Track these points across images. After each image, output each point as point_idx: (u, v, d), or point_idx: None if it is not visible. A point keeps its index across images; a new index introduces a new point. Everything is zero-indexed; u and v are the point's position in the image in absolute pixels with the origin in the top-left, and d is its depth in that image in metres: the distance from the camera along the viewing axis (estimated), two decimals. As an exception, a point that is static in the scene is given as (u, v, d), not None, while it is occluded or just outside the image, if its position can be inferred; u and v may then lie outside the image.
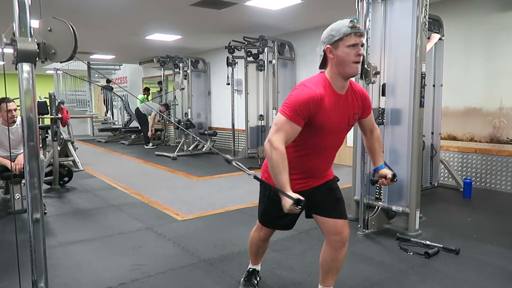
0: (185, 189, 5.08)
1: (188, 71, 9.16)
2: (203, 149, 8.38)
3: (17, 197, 3.73)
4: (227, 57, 7.33)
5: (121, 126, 11.65)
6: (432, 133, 4.74)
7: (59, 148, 5.19)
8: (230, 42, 7.07)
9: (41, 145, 5.14)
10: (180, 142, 8.36)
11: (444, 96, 4.80)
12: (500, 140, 4.70)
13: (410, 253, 2.87)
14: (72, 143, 5.63)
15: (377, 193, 3.51)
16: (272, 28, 6.86)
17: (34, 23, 1.39)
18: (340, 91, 1.74)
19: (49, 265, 1.69)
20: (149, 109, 9.42)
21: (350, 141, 3.45)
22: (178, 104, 9.87)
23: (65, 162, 5.36)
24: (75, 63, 12.50)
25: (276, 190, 1.66)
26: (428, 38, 3.97)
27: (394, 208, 3.36)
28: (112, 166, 7.02)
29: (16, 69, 1.42)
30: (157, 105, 9.65)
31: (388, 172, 1.93)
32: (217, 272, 2.61)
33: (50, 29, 1.45)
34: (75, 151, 5.62)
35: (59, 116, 4.88)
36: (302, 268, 2.64)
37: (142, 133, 9.83)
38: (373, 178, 2.01)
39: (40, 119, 5.50)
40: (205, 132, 8.51)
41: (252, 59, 7.23)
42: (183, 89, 9.19)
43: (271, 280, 2.46)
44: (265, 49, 6.87)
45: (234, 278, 2.48)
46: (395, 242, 3.07)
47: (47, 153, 5.03)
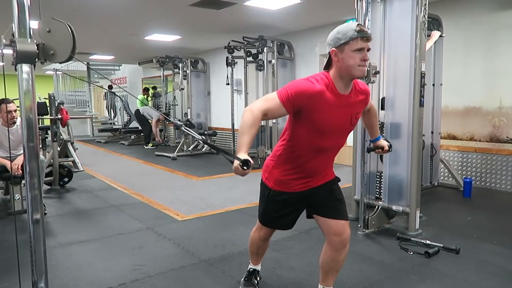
0: (185, 189, 5.08)
1: (188, 71, 9.16)
2: (203, 149, 8.39)
3: (17, 198, 3.73)
4: (227, 57, 7.32)
5: (121, 127, 11.65)
6: (432, 133, 4.74)
7: (59, 149, 5.19)
8: (230, 42, 7.06)
9: (41, 146, 5.13)
10: (180, 142, 8.37)
11: (444, 96, 4.80)
12: (500, 139, 4.71)
13: (410, 253, 2.87)
14: (72, 144, 5.63)
15: (377, 193, 3.52)
16: (272, 28, 6.86)
17: (34, 24, 1.39)
18: (343, 92, 1.73)
19: (49, 266, 1.69)
20: (149, 114, 9.44)
21: (350, 141, 3.44)
22: (178, 104, 9.87)
23: (65, 163, 5.36)
24: (75, 64, 12.50)
25: (223, 153, 1.62)
26: (428, 36, 3.96)
27: (394, 208, 3.36)
28: (112, 167, 7.03)
29: (16, 70, 1.42)
30: (156, 113, 9.67)
31: (385, 144, 2.14)
32: (217, 272, 2.61)
33: (49, 30, 1.44)
34: (75, 152, 5.62)
35: (59, 117, 4.88)
36: (302, 268, 2.64)
37: (143, 133, 9.83)
38: (370, 147, 2.22)
39: (40, 120, 5.51)
40: (205, 132, 8.50)
41: (252, 59, 7.22)
42: (183, 89, 9.19)
43: (271, 280, 2.46)
44: (265, 49, 6.86)
45: (234, 278, 2.48)
46: (395, 242, 3.07)
47: (47, 154, 5.02)
